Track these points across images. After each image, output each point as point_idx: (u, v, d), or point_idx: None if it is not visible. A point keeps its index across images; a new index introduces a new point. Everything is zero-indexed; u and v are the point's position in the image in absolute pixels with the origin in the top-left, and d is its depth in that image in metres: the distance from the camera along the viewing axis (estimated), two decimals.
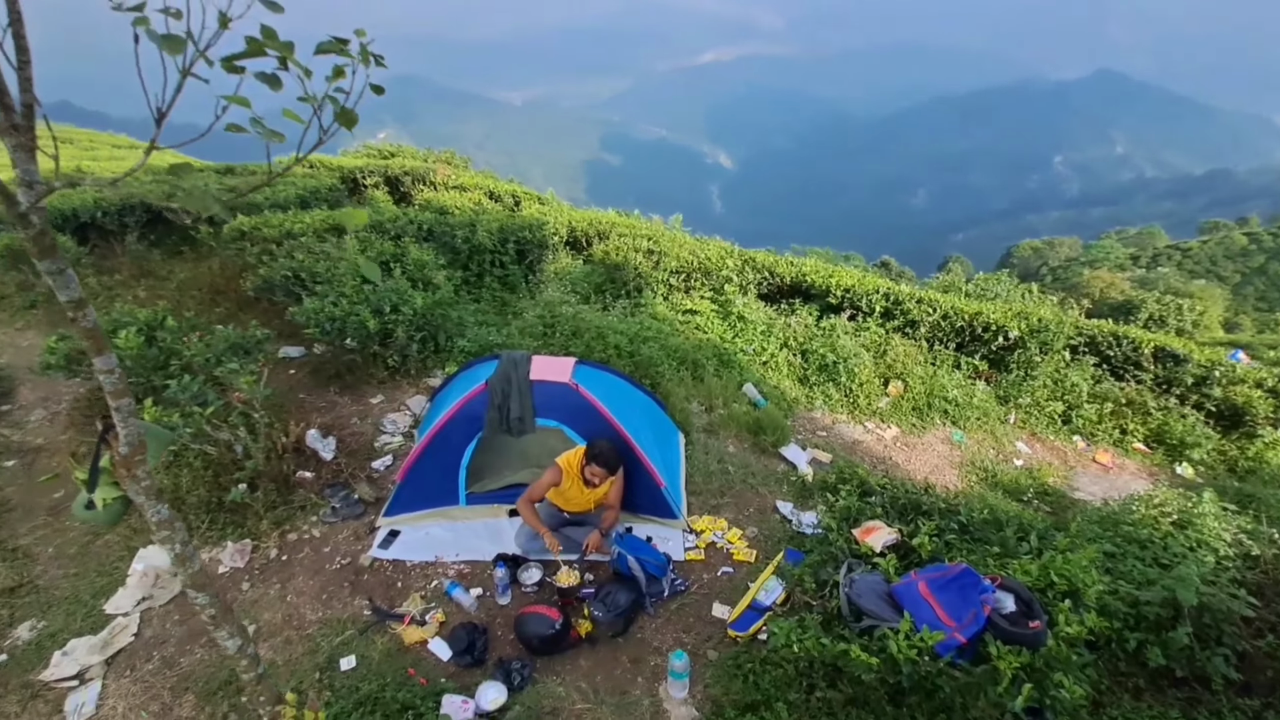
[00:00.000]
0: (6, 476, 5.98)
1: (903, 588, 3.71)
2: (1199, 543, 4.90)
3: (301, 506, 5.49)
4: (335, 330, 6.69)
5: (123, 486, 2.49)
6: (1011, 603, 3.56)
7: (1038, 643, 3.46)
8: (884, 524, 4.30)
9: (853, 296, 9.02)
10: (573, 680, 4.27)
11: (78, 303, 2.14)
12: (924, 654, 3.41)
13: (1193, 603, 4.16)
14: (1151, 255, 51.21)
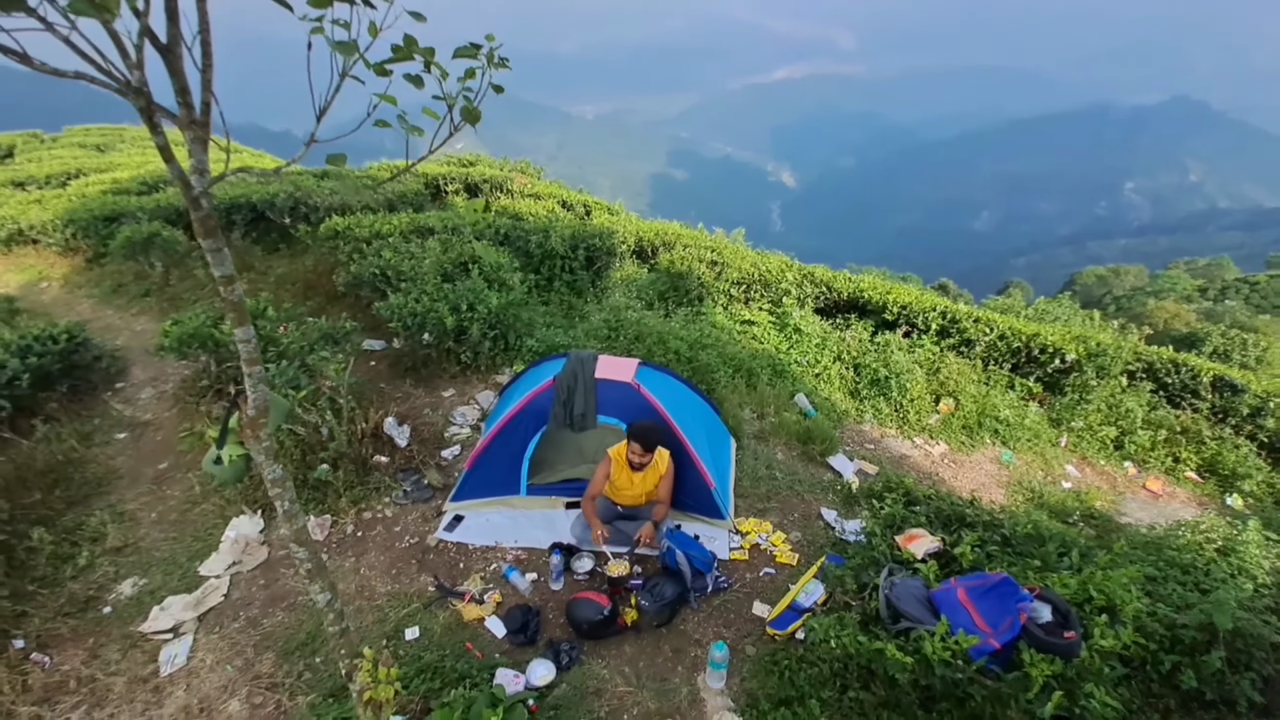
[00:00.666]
0: (117, 447, 6.43)
1: (942, 593, 3.62)
2: (1239, 569, 4.62)
3: (376, 488, 5.72)
4: (415, 325, 6.94)
5: (246, 446, 2.66)
6: (1048, 613, 3.44)
7: (1071, 653, 3.33)
8: (927, 532, 4.20)
9: (909, 314, 8.82)
10: (617, 665, 4.32)
11: (229, 278, 2.33)
12: (957, 657, 3.32)
13: (1228, 627, 3.94)
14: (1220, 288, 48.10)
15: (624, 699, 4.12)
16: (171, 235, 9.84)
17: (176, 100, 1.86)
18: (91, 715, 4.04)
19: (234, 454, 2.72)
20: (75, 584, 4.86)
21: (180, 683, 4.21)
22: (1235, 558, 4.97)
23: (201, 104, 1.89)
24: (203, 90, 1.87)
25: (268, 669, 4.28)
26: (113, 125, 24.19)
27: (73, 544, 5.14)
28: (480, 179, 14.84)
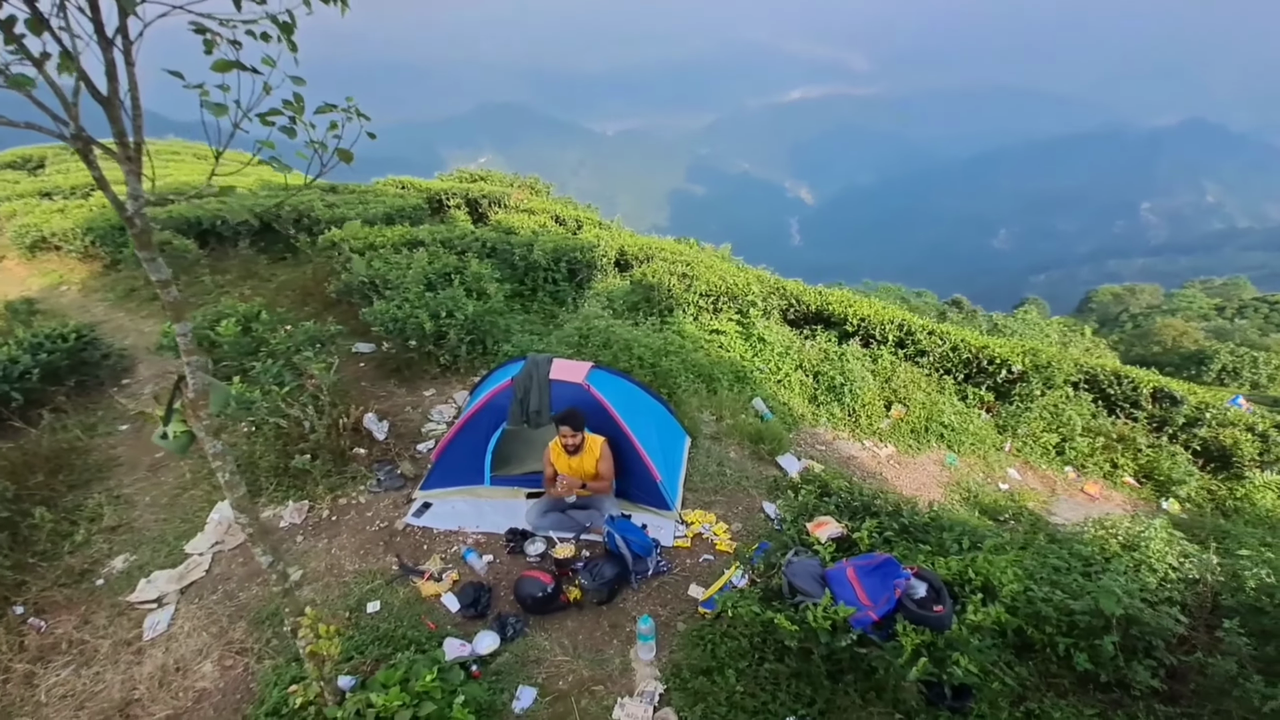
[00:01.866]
0: (119, 437, 6.79)
1: (834, 572, 3.91)
2: (1140, 563, 4.86)
3: (353, 477, 6.04)
4: (397, 329, 7.30)
5: (189, 424, 2.99)
6: (924, 589, 3.72)
7: (942, 625, 3.61)
8: (834, 520, 4.48)
9: (868, 325, 9.10)
10: (558, 637, 4.60)
11: (164, 282, 2.66)
12: (837, 626, 3.60)
13: (1115, 612, 4.19)
14: (1238, 307, 46.19)
15: (561, 667, 4.41)
16: (181, 244, 10.26)
17: (115, 141, 2.22)
18: (79, 673, 4.36)
19: (178, 430, 3.03)
20: (72, 558, 5.20)
21: (160, 646, 4.53)
22: (1139, 553, 5.21)
23: (135, 144, 2.24)
24: (134, 134, 2.22)
25: (239, 636, 4.60)
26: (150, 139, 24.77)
27: (72, 522, 5.48)
28: (480, 194, 15.26)
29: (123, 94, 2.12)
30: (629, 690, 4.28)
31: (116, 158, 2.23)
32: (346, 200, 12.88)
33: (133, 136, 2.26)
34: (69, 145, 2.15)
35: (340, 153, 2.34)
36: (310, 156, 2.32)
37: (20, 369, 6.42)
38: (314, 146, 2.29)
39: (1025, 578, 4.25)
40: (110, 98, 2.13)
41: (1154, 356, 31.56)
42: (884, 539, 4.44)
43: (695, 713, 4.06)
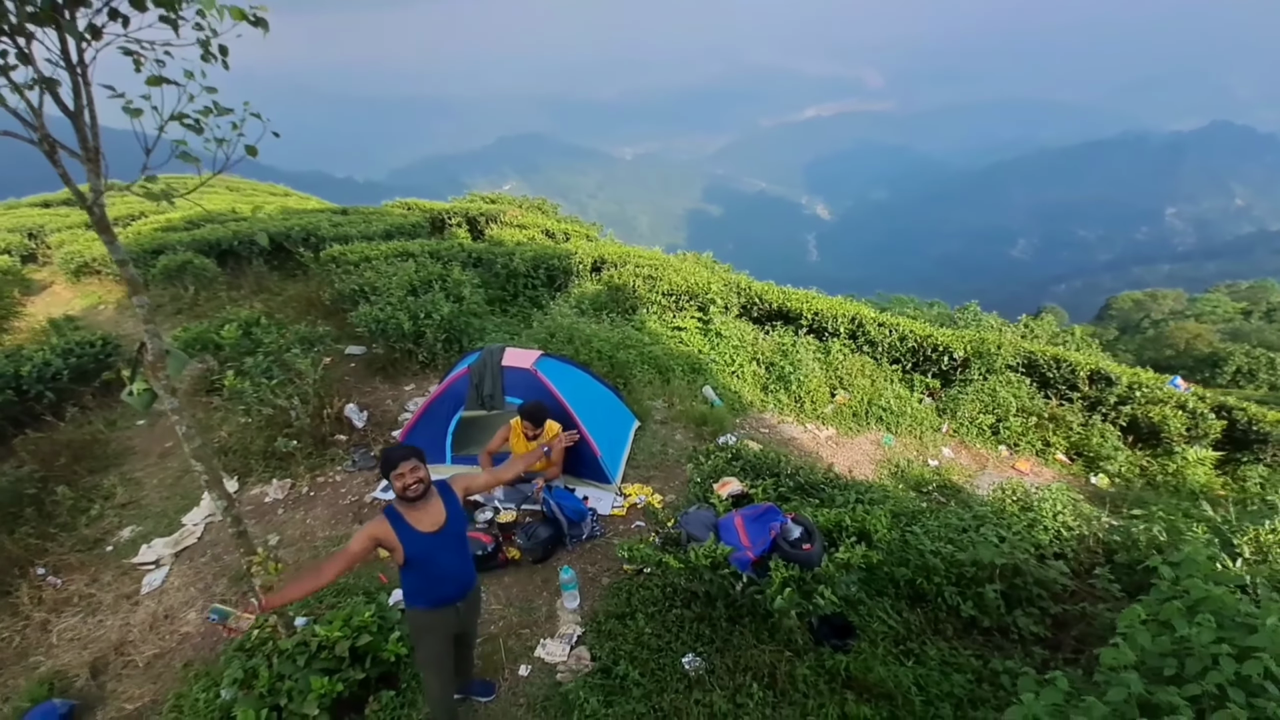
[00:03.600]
0: (136, 430, 7.42)
1: (724, 520, 4.31)
2: (1033, 522, 5.14)
3: (331, 459, 6.58)
4: (380, 330, 7.87)
5: (150, 383, 3.52)
6: (798, 532, 4.09)
7: (810, 561, 3.97)
8: (736, 480, 4.87)
9: (821, 319, 9.44)
10: (495, 590, 5.05)
11: (122, 261, 3.22)
12: (717, 563, 3.98)
13: (993, 560, 4.50)
14: (1265, 310, 43.56)
15: (494, 614, 4.85)
16: (202, 263, 11.01)
17: (80, 146, 2.77)
18: (86, 620, 4.93)
19: (140, 388, 3.54)
20: (87, 529, 5.80)
21: (154, 599, 5.08)
22: (1034, 513, 5.48)
23: (94, 148, 2.79)
24: (93, 139, 2.77)
25: (221, 590, 5.14)
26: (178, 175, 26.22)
27: (89, 500, 6.09)
28: (478, 213, 15.93)
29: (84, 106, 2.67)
30: (552, 633, 4.71)
31: (79, 158, 2.77)
32: (353, 221, 13.60)
33: (91, 141, 2.80)
34: (37, 146, 2.69)
35: (248, 149, 2.86)
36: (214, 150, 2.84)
37: (53, 370, 7.10)
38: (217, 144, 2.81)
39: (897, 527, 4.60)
40: (77, 113, 2.68)
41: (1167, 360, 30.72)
42: (779, 495, 4.82)
43: (605, 649, 4.47)
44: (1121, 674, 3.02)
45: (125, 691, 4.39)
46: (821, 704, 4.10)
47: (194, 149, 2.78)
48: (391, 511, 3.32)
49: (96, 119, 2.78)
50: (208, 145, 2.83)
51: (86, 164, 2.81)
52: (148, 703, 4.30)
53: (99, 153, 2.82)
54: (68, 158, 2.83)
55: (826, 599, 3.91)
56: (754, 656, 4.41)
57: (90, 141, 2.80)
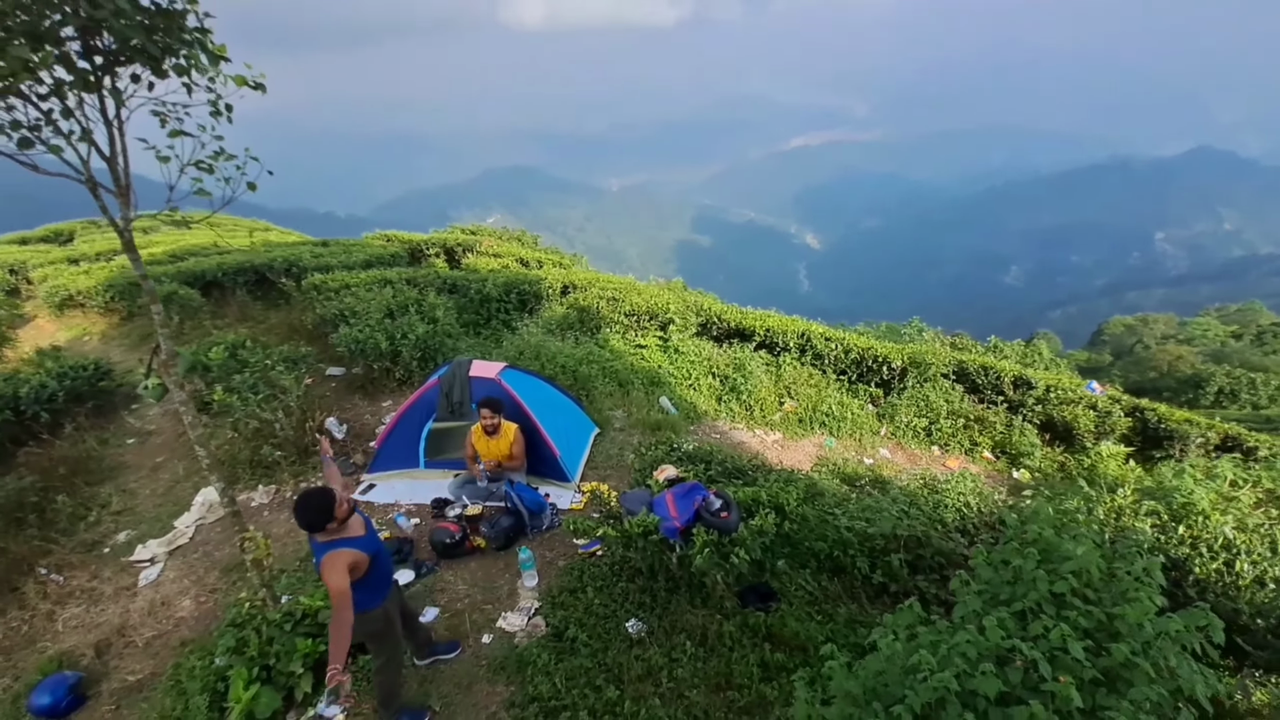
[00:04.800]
0: (128, 448, 8.02)
1: (658, 498, 5.05)
2: (939, 503, 5.94)
3: (313, 467, 7.24)
4: (359, 349, 8.60)
5: (162, 379, 4.25)
6: (719, 504, 4.84)
7: (727, 528, 4.71)
8: (672, 466, 5.62)
9: (773, 335, 10.31)
10: (462, 574, 5.72)
11: (144, 275, 3.98)
12: (648, 531, 4.72)
13: (890, 531, 5.28)
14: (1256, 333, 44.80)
15: (460, 593, 5.52)
16: (188, 293, 11.71)
17: (114, 186, 3.56)
18: (89, 610, 5.53)
19: (154, 383, 4.24)
20: (86, 533, 6.40)
21: (151, 590, 5.69)
22: (941, 495, 6.28)
23: (124, 186, 3.58)
24: (125, 178, 3.56)
25: (212, 581, 5.76)
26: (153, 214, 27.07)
27: (87, 508, 6.69)
28: (455, 244, 16.80)
29: (118, 154, 3.48)
30: (512, 607, 5.37)
31: (114, 194, 3.56)
32: (333, 252, 14.38)
33: (124, 180, 3.60)
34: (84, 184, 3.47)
35: (249, 185, 3.66)
36: (223, 188, 3.64)
37: (49, 392, 7.73)
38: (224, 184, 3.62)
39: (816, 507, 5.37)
40: (111, 156, 3.48)
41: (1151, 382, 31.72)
42: (709, 478, 5.58)
43: (558, 618, 5.14)
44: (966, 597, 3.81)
45: (127, 667, 4.99)
46: (744, 655, 4.81)
47: (206, 185, 3.58)
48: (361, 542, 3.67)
49: (128, 163, 3.58)
50: (218, 183, 3.63)
51: (119, 198, 3.59)
52: (148, 675, 4.91)
53: (129, 189, 3.61)
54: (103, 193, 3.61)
55: (740, 559, 4.65)
56: (688, 620, 5.13)
57: (123, 180, 3.58)
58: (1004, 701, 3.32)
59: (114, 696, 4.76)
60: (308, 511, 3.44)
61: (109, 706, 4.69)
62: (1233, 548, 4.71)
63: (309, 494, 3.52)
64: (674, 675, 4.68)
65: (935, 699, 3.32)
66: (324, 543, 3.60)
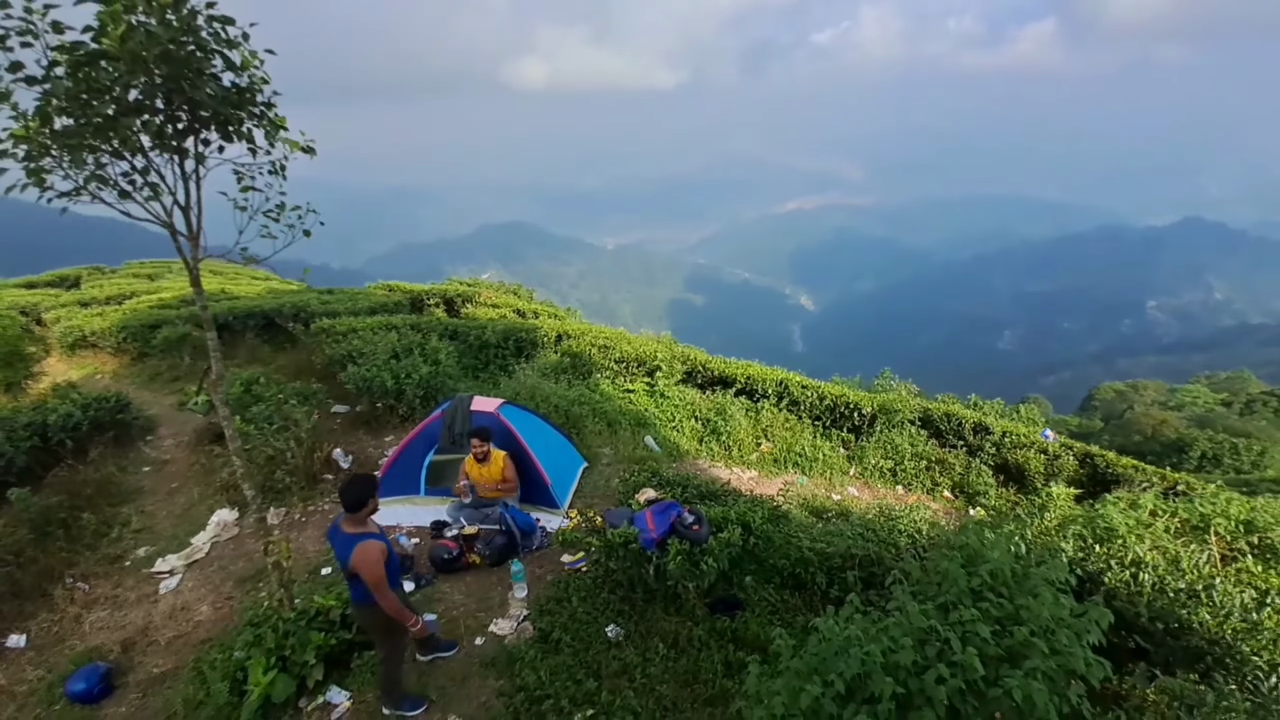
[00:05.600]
0: (146, 474, 8.67)
1: (638, 515, 5.77)
2: (893, 529, 6.68)
3: (321, 492, 7.92)
4: (365, 387, 9.38)
5: (210, 396, 5.03)
6: (692, 519, 5.56)
7: (699, 539, 5.42)
8: (652, 489, 6.37)
9: (753, 382, 11.18)
10: (459, 586, 6.35)
11: (205, 306, 4.81)
12: (628, 541, 5.44)
13: (843, 550, 6.02)
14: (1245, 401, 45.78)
15: (456, 603, 6.14)
16: (199, 335, 12.56)
17: (186, 231, 4.45)
18: (113, 614, 6.12)
19: (203, 400, 4.99)
20: (109, 548, 7.01)
21: (172, 596, 6.29)
22: (894, 522, 7.02)
23: (196, 231, 4.47)
24: (197, 225, 4.46)
25: (228, 590, 6.37)
26: (163, 260, 28.32)
27: (109, 526, 7.31)
28: (455, 294, 17.83)
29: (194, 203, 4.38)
30: (503, 615, 6.00)
31: (186, 236, 4.44)
32: (339, 299, 15.33)
33: (196, 227, 4.49)
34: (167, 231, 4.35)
35: (305, 232, 4.56)
36: (285, 232, 4.52)
37: (74, 421, 8.44)
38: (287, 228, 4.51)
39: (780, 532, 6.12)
40: (187, 206, 4.38)
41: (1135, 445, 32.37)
42: (684, 499, 6.32)
43: (545, 622, 5.77)
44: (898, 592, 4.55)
45: (151, 662, 5.57)
46: (710, 655, 5.44)
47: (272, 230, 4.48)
48: (379, 537, 4.43)
49: (202, 212, 4.48)
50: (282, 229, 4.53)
51: (190, 241, 4.47)
52: (171, 668, 5.49)
53: (200, 233, 4.49)
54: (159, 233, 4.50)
55: (709, 566, 5.35)
56: (662, 625, 5.77)
57: (194, 227, 4.47)
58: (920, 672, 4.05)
59: (140, 686, 5.34)
60: (356, 486, 4.25)
61: (136, 695, 5.26)
62: (1140, 563, 5.46)
63: (358, 476, 4.34)
64: (647, 672, 5.30)
65: (863, 670, 4.03)
66: (352, 534, 4.33)
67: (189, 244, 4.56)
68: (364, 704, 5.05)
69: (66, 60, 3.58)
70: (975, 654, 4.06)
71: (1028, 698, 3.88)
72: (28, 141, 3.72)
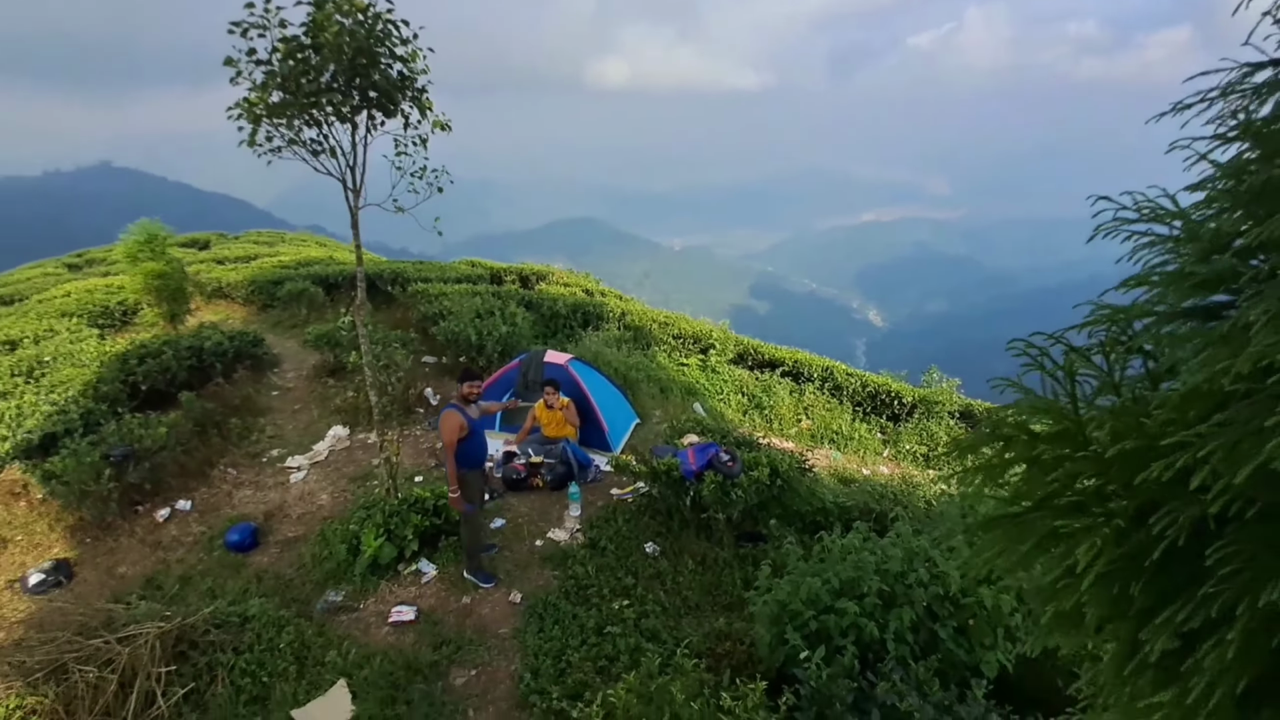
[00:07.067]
0: (275, 398, 10.26)
1: (681, 451, 6.76)
2: (911, 494, 7.40)
3: (414, 420, 9.28)
4: (452, 340, 10.73)
5: (354, 320, 6.31)
6: (728, 457, 6.49)
7: (732, 474, 6.34)
8: (695, 435, 7.33)
9: (800, 366, 11.95)
10: (524, 501, 7.48)
11: (361, 287, 6.08)
12: (670, 469, 6.43)
13: (861, 504, 6.82)
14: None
15: (521, 513, 7.28)
16: (315, 291, 14.28)
17: (352, 185, 5.72)
18: (256, 494, 7.56)
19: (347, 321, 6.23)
20: (250, 448, 8.51)
21: (299, 485, 7.70)
22: (913, 489, 7.72)
23: (360, 186, 5.72)
24: (361, 181, 5.71)
25: (342, 486, 7.73)
26: (275, 231, 31.37)
27: (250, 430, 8.83)
28: (530, 272, 19.26)
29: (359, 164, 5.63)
30: (560, 527, 7.13)
31: (352, 189, 5.70)
32: (430, 268, 16.95)
33: (361, 182, 5.75)
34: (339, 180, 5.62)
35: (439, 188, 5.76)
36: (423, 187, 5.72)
37: (224, 348, 10.12)
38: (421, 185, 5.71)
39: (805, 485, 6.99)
40: (354, 165, 5.64)
41: None
42: (723, 442, 7.27)
43: (593, 533, 6.85)
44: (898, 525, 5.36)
45: (286, 529, 6.96)
46: (733, 573, 6.37)
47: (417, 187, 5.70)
48: (458, 408, 5.66)
49: (366, 170, 5.73)
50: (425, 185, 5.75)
51: (354, 193, 5.74)
52: (301, 535, 6.85)
53: (362, 187, 5.75)
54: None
55: (738, 497, 6.29)
56: (694, 547, 6.72)
57: (359, 183, 5.74)
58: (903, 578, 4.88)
59: (278, 545, 6.71)
60: (461, 372, 5.89)
61: (275, 549, 6.64)
62: None
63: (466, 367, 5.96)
64: (676, 580, 6.28)
65: (856, 574, 4.89)
66: (448, 404, 5.60)
67: (353, 196, 5.82)
68: (447, 575, 6.22)
69: (284, 48, 4.84)
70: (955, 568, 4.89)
71: (996, 606, 4.67)
72: (251, 110, 5.02)
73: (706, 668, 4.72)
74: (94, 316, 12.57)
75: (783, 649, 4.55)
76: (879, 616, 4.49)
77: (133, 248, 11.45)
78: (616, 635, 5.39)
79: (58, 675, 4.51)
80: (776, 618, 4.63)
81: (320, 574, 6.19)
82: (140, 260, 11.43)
